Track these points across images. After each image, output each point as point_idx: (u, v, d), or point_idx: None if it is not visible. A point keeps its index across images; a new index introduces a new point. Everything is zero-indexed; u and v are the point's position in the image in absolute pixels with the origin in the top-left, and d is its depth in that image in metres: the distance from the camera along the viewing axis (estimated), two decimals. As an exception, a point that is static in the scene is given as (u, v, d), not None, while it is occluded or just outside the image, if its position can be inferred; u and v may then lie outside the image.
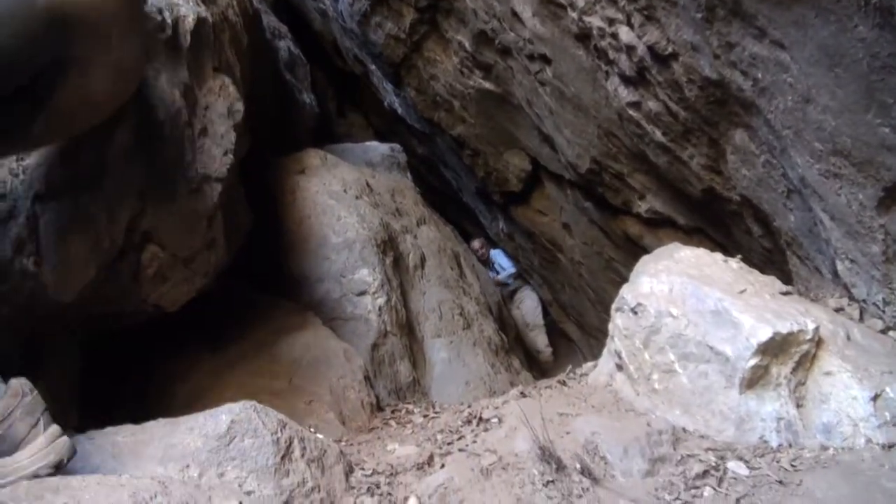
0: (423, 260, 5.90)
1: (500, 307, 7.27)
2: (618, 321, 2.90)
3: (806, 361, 2.43)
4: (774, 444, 2.36)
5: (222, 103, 3.78)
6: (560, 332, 8.84)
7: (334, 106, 10.18)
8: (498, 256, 9.00)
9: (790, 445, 2.34)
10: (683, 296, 2.68)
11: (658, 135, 3.74)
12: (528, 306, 8.78)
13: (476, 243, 8.84)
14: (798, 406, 2.39)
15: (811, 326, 2.43)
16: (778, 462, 2.24)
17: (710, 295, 2.61)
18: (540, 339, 8.63)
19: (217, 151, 3.61)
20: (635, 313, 2.79)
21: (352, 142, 8.23)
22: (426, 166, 9.19)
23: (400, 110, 8.10)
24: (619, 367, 2.91)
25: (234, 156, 3.70)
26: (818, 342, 2.44)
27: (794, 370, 2.41)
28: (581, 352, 8.43)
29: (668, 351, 2.64)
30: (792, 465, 2.21)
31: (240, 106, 3.92)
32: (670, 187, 4.22)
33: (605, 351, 3.10)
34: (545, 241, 7.28)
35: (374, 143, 7.83)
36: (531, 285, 8.89)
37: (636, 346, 2.77)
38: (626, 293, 2.88)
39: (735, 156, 3.28)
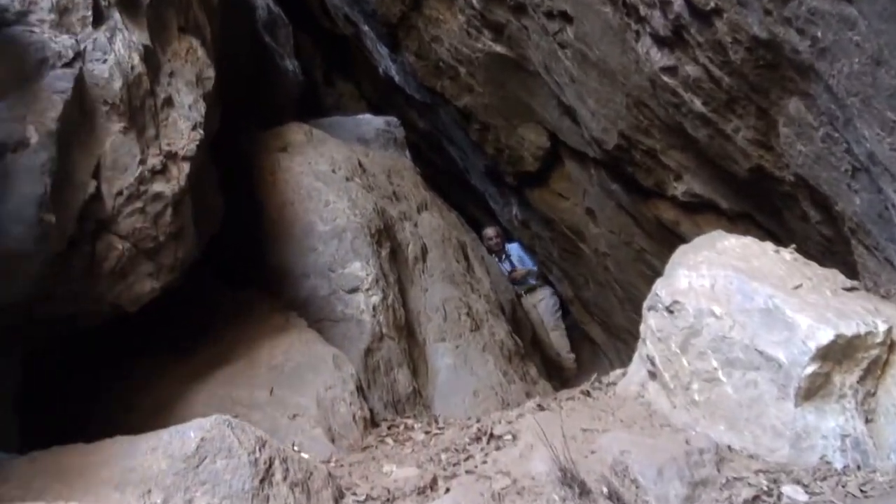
0: (424, 251, 5.89)
1: (513, 306, 7.25)
2: (650, 322, 2.89)
3: (876, 369, 2.40)
4: (839, 465, 2.33)
5: (190, 69, 3.74)
6: (583, 334, 8.82)
7: (321, 73, 10.17)
8: (515, 250, 8.97)
9: (858, 467, 2.31)
10: (728, 292, 2.66)
11: (697, 104, 3.70)
12: (546, 305, 8.78)
13: (490, 231, 8.81)
14: (867, 421, 2.37)
15: (882, 328, 2.40)
16: (844, 486, 2.22)
17: (760, 291, 2.59)
18: (560, 343, 8.62)
19: (184, 125, 3.58)
20: (671, 312, 2.78)
21: (341, 114, 8.21)
22: (427, 143, 9.16)
23: (397, 78, 8.07)
24: (653, 376, 2.90)
25: (203, 130, 3.67)
26: (890, 346, 2.41)
27: (861, 379, 2.38)
28: (607, 357, 8.40)
29: (709, 356, 2.63)
30: (861, 491, 2.18)
31: (210, 72, 3.88)
32: (712, 166, 4.18)
33: (635, 356, 3.09)
34: (566, 228, 7.26)
35: (367, 117, 7.81)
36: (550, 284, 8.88)
37: (672, 351, 2.76)
38: (661, 289, 2.87)
39: (789, 128, 3.24)
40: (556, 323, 8.68)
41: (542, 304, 8.73)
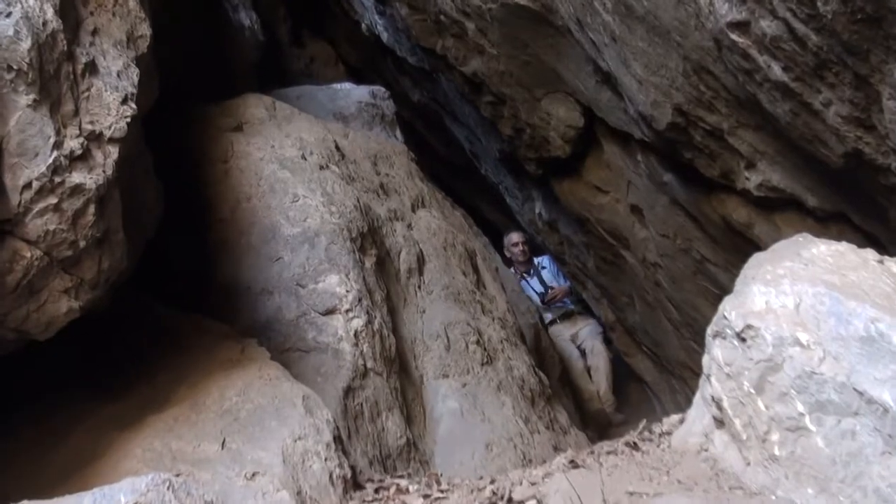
0: (420, 261, 5.90)
1: (537, 332, 7.26)
2: (716, 353, 2.88)
3: None
4: (965, 539, 2.32)
5: (119, 25, 3.75)
6: (627, 369, 8.83)
7: (286, 30, 10.21)
8: (547, 264, 8.95)
9: None
10: (817, 314, 2.66)
11: (776, 71, 3.72)
12: (593, 330, 8.79)
13: (515, 236, 8.78)
14: None
15: None
16: (968, 568, 2.22)
17: (859, 313, 2.58)
18: (600, 379, 8.63)
19: (112, 97, 3.59)
20: (743, 341, 2.77)
21: (313, 83, 8.25)
22: (425, 120, 9.20)
23: (385, 36, 8.10)
24: (720, 423, 2.90)
25: (137, 105, 3.68)
26: None
27: None
28: (658, 399, 8.42)
29: (793, 398, 2.62)
30: None
31: (145, 29, 3.89)
32: (794, 150, 4.20)
33: (696, 398, 3.08)
34: (604, 231, 7.27)
35: (346, 86, 7.85)
36: (589, 310, 8.89)
37: (745, 391, 2.75)
38: (730, 311, 2.86)
39: (895, 102, 3.24)
40: (604, 353, 8.69)
41: (586, 330, 8.73)
